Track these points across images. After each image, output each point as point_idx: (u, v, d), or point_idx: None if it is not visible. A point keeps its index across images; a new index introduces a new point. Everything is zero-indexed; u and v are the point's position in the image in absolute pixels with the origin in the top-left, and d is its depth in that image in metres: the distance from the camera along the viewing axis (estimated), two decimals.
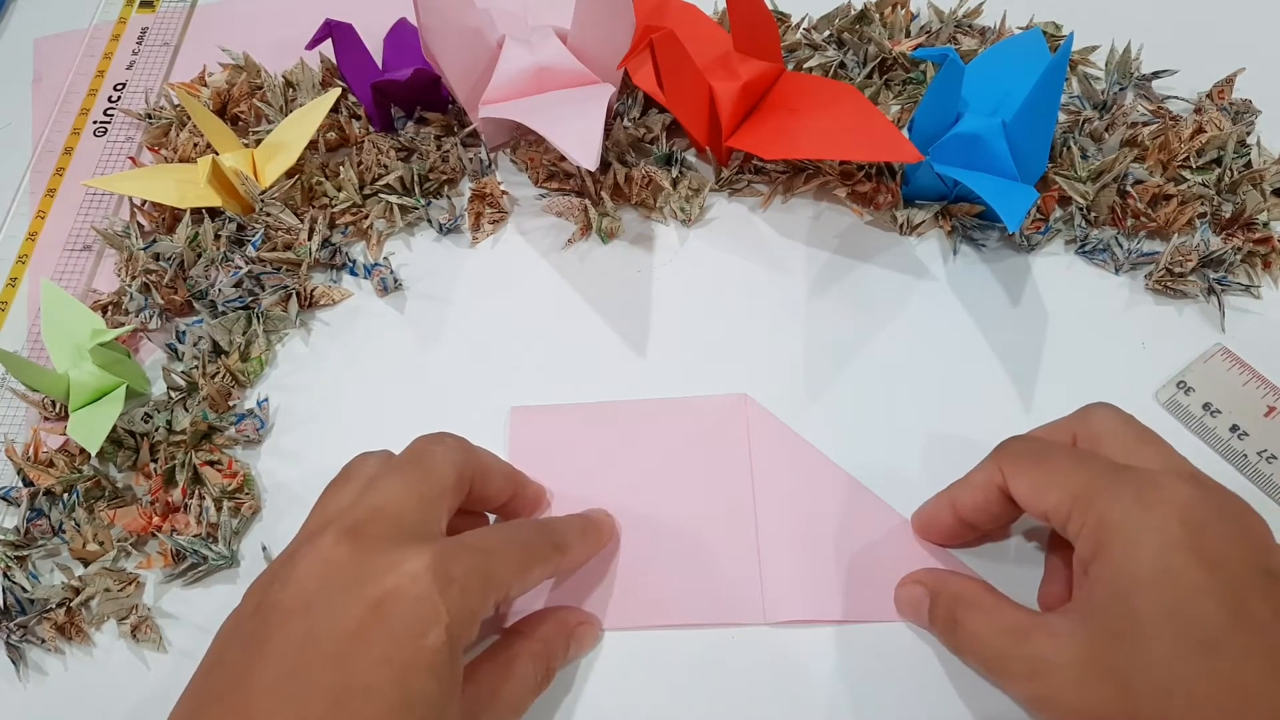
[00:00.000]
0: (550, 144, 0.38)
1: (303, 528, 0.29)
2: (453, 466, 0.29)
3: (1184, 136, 0.41)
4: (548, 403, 0.39)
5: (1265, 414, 0.36)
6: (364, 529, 0.26)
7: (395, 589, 0.25)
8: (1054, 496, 0.28)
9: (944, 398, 0.38)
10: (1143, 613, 0.25)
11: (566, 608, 0.34)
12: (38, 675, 0.35)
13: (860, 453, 0.37)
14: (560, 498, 0.36)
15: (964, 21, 0.47)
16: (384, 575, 0.25)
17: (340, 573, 0.25)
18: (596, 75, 0.42)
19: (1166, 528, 0.26)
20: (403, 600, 0.25)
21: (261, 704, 0.24)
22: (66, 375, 0.38)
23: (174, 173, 0.44)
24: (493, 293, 0.42)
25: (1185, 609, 0.25)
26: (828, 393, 0.38)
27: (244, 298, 0.41)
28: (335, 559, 0.26)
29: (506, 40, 0.42)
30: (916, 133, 0.39)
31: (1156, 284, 0.39)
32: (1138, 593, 0.25)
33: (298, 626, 0.25)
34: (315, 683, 0.24)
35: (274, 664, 0.24)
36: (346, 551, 0.26)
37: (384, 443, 0.38)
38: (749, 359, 0.39)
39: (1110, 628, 0.26)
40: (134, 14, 0.55)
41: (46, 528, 0.37)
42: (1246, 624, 0.25)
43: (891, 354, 0.39)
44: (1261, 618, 0.25)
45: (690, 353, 0.40)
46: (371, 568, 0.25)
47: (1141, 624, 0.25)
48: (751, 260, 0.42)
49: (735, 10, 0.40)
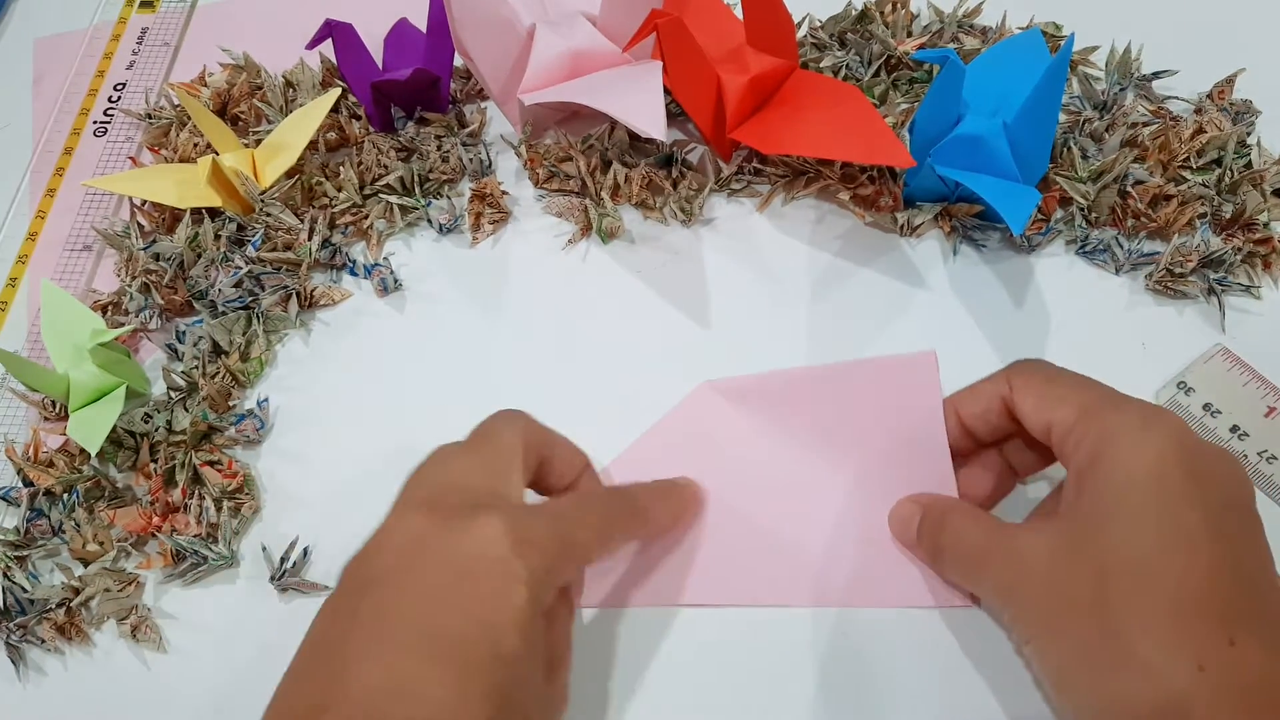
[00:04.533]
0: (615, 119, 0.39)
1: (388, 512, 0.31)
2: (517, 435, 0.30)
3: (1184, 137, 0.41)
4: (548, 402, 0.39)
5: (1265, 414, 0.36)
6: (439, 501, 0.28)
7: (475, 553, 0.26)
8: (1061, 411, 0.29)
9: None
10: (1133, 503, 0.27)
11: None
12: (37, 675, 0.35)
13: None
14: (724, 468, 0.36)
15: (964, 21, 0.47)
16: (463, 541, 0.26)
17: (421, 542, 0.27)
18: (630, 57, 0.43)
19: (1165, 445, 0.27)
20: (483, 563, 0.26)
21: (357, 665, 0.25)
22: (66, 375, 0.38)
23: (174, 173, 0.44)
24: (493, 293, 0.42)
25: (1172, 510, 0.27)
26: None
27: (244, 298, 0.41)
28: (415, 530, 0.27)
29: (538, 28, 0.42)
30: (917, 134, 0.39)
31: (1157, 284, 0.39)
32: (1130, 488, 0.27)
33: (386, 594, 0.26)
34: (406, 641, 0.25)
35: (366, 628, 0.26)
36: (424, 523, 0.27)
37: (383, 442, 0.39)
38: (749, 359, 0.39)
39: (1097, 516, 0.27)
40: (134, 14, 0.55)
41: (46, 528, 0.37)
42: (1223, 539, 0.26)
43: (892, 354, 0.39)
44: (1237, 538, 0.27)
45: (690, 353, 0.40)
46: (451, 536, 0.27)
47: (1131, 513, 0.27)
48: (751, 261, 0.42)
49: (750, 5, 0.40)
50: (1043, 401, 0.30)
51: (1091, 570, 0.27)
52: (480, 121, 0.46)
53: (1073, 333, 0.39)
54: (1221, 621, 0.25)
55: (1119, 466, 0.27)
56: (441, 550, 0.26)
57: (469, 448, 0.30)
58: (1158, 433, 0.28)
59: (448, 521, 0.27)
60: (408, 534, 0.27)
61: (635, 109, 0.38)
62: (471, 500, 0.28)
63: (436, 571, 0.26)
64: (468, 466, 0.29)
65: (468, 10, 0.41)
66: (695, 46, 0.39)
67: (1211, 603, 0.25)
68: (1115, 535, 0.27)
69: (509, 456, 0.30)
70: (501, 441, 0.30)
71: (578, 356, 0.40)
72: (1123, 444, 0.28)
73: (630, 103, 0.38)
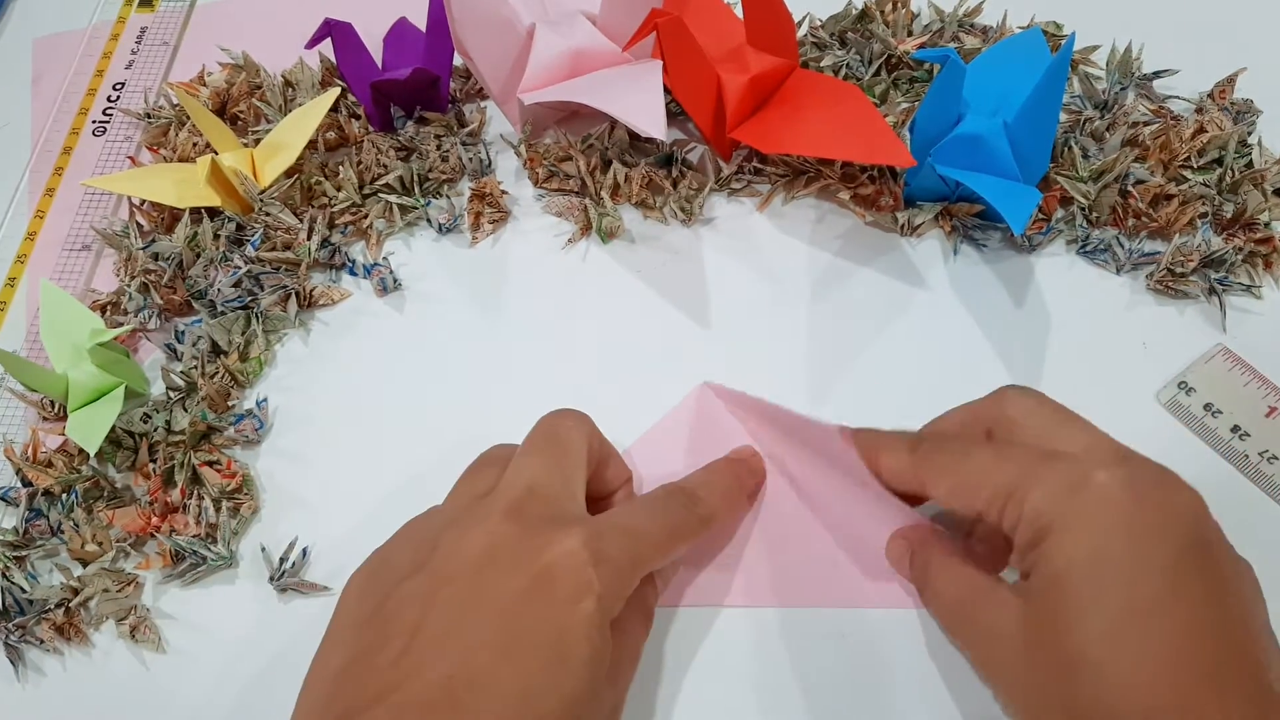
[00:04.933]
0: (615, 119, 0.39)
1: (448, 503, 0.31)
2: (583, 438, 0.31)
3: (1185, 136, 0.41)
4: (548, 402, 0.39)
5: (1266, 414, 0.36)
6: (525, 509, 0.29)
7: (555, 562, 0.27)
8: (984, 495, 0.28)
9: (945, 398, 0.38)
10: (1083, 595, 0.26)
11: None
12: (36, 676, 0.35)
13: None
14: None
15: (965, 21, 0.47)
16: (545, 550, 0.28)
17: (506, 546, 0.28)
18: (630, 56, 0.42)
19: (1098, 513, 0.26)
20: (561, 572, 0.27)
21: (434, 650, 0.26)
22: (65, 375, 0.38)
23: (173, 172, 0.44)
24: (492, 292, 0.42)
25: (1123, 587, 0.25)
26: (828, 393, 0.38)
27: (243, 298, 0.41)
28: (502, 533, 0.28)
29: (538, 27, 0.42)
30: (918, 134, 0.39)
31: (1158, 284, 0.39)
32: (1075, 576, 0.26)
33: (465, 587, 0.27)
34: (481, 635, 0.26)
35: (441, 616, 0.27)
36: (511, 529, 0.28)
37: (383, 442, 0.39)
38: (749, 359, 0.39)
39: (1051, 605, 0.26)
40: (133, 13, 0.55)
41: (45, 528, 0.37)
42: (1182, 597, 0.25)
43: (892, 355, 0.39)
44: (1195, 591, 0.25)
45: (689, 353, 0.40)
46: (534, 543, 0.28)
47: (1082, 604, 0.26)
48: (751, 260, 0.42)
49: (750, 4, 0.40)
50: (960, 491, 0.29)
51: (1056, 663, 0.26)
52: (480, 121, 0.46)
53: (1073, 333, 0.39)
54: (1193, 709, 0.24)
55: (1058, 553, 0.26)
56: (523, 556, 0.28)
57: (538, 450, 0.31)
58: (1088, 499, 0.26)
59: (534, 530, 0.28)
60: (494, 535, 0.28)
61: (635, 108, 0.38)
62: (553, 510, 0.29)
63: (516, 576, 0.27)
64: (542, 471, 0.30)
65: (467, 10, 0.41)
66: (695, 46, 0.39)
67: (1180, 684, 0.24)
68: (1073, 627, 0.26)
69: (578, 463, 0.31)
70: (572, 447, 0.31)
71: (577, 356, 0.40)
72: (1058, 527, 0.26)
73: (630, 102, 0.38)
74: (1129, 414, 0.37)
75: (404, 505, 0.32)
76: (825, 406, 0.38)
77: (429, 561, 0.28)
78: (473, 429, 0.38)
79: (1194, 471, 0.27)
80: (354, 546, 0.31)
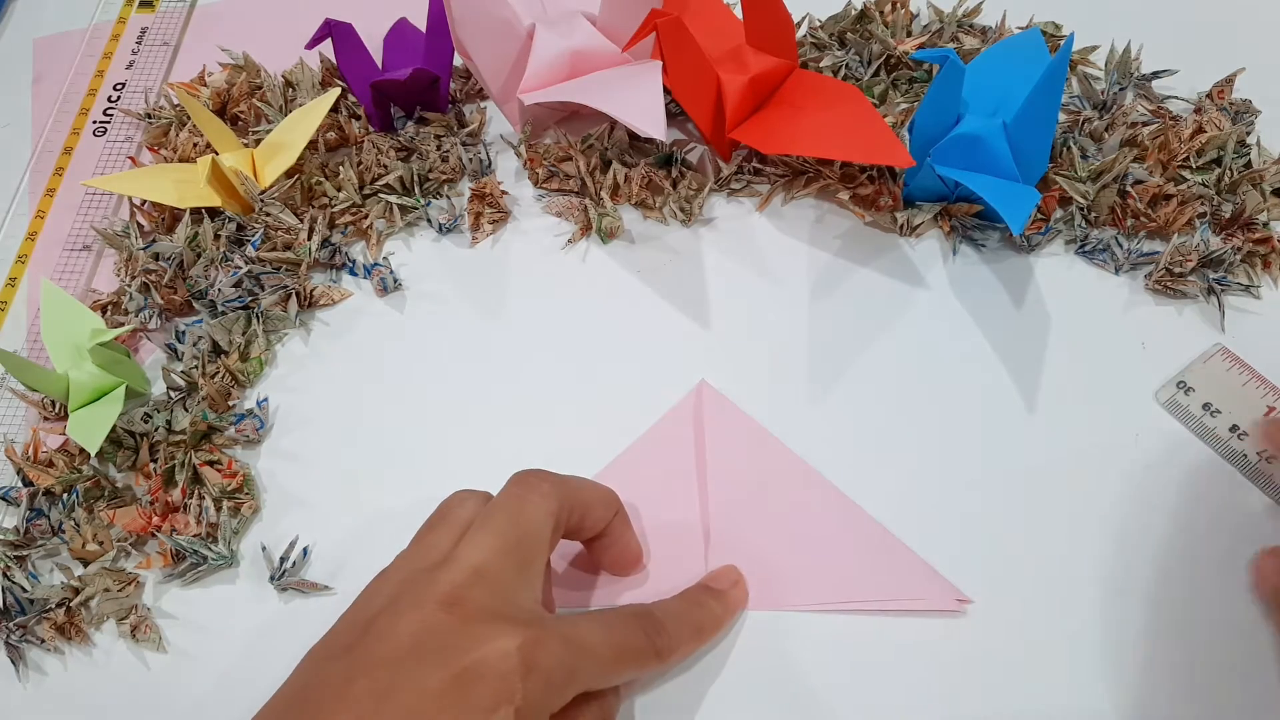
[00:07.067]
0: (615, 119, 0.39)
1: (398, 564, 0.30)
2: (549, 517, 0.29)
3: (1184, 136, 0.41)
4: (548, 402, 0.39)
5: (1265, 414, 0.36)
6: (466, 597, 0.27)
7: (481, 662, 0.26)
8: None
9: (945, 398, 0.38)
10: None
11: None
12: (37, 675, 0.35)
13: (861, 453, 0.37)
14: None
15: (964, 21, 0.47)
16: (475, 647, 0.26)
17: (437, 637, 0.26)
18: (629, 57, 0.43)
19: None
20: (485, 675, 0.26)
21: None
22: (66, 375, 0.38)
23: (174, 173, 0.44)
24: (492, 293, 0.42)
25: None
26: (828, 393, 0.38)
27: (244, 298, 0.41)
28: (434, 622, 0.27)
29: (538, 27, 0.42)
30: (917, 134, 0.39)
31: (1156, 284, 0.39)
32: None
33: (384, 677, 0.26)
34: None
35: (358, 704, 0.25)
36: (445, 619, 0.27)
37: (382, 442, 0.39)
38: (749, 359, 0.39)
39: None
40: (133, 14, 0.55)
41: (46, 528, 0.37)
42: None
43: (892, 355, 0.39)
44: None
45: (689, 353, 0.40)
46: (466, 638, 0.26)
47: None
48: (751, 260, 0.42)
49: (749, 5, 0.40)
50: None
51: None
52: (480, 121, 0.46)
53: (1072, 332, 0.39)
54: None
55: None
56: (451, 651, 0.26)
57: (495, 528, 0.29)
58: None
59: (471, 622, 0.27)
60: (427, 624, 0.27)
61: (635, 109, 0.38)
62: (496, 603, 0.27)
63: (438, 673, 0.26)
64: (495, 555, 0.28)
65: (467, 10, 0.41)
66: (695, 46, 0.39)
67: None
68: None
69: (538, 547, 0.29)
70: (531, 525, 0.29)
71: (577, 356, 0.40)
72: None
73: (630, 103, 0.38)
74: (1128, 414, 0.37)
75: (403, 504, 0.32)
76: (824, 406, 0.38)
77: (358, 644, 0.27)
78: (473, 428, 0.38)
79: (1193, 471, 0.27)
80: (354, 546, 0.31)
